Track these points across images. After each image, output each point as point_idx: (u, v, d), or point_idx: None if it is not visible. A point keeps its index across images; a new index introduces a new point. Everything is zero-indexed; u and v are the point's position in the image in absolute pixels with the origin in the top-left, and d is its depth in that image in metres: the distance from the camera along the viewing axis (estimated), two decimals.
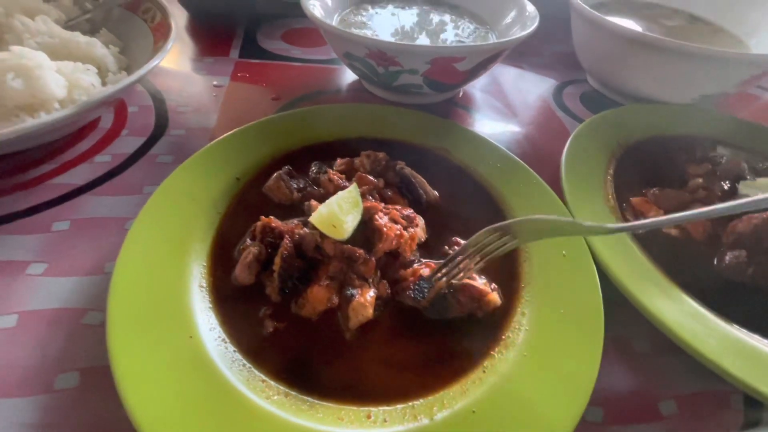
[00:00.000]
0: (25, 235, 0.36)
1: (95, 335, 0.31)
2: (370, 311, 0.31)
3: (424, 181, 0.42)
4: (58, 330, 0.31)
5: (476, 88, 0.63)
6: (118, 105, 0.51)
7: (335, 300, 0.32)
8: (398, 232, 0.34)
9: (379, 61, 0.47)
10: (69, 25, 0.52)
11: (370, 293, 0.32)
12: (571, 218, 0.30)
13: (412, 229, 0.36)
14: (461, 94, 0.62)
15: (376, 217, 0.35)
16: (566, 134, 0.56)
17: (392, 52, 0.45)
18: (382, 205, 0.37)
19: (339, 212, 0.33)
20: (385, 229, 0.34)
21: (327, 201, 0.35)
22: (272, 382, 0.28)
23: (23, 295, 0.33)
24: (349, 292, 0.31)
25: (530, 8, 0.55)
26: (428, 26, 0.60)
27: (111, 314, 0.28)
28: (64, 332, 0.31)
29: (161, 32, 0.51)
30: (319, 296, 0.32)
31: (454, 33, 0.58)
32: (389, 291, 0.34)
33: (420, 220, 0.38)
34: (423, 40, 0.56)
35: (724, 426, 0.31)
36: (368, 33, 0.56)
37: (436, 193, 0.42)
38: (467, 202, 0.42)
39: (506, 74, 0.68)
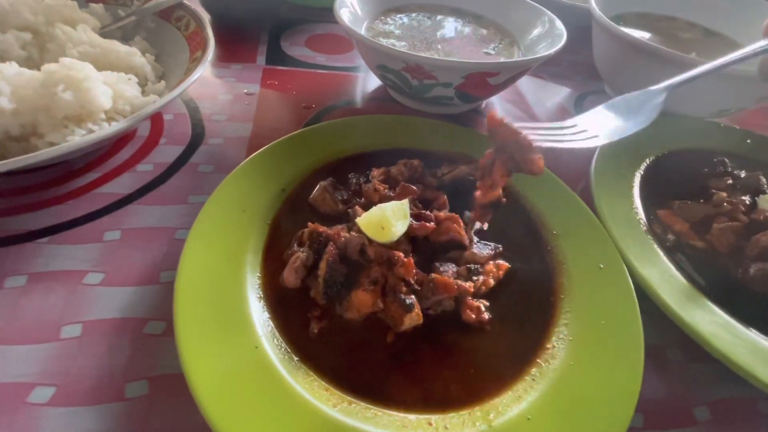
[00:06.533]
0: (79, 245, 0.37)
1: (158, 344, 0.32)
2: (420, 319, 0.33)
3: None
4: (122, 339, 0.32)
5: (499, 97, 0.65)
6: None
7: (380, 305, 0.33)
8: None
9: (414, 75, 0.49)
10: (103, 33, 0.52)
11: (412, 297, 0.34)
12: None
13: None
14: (484, 104, 0.63)
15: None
16: None
17: (430, 66, 0.46)
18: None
19: (391, 216, 0.35)
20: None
21: (377, 206, 0.36)
22: (336, 390, 0.29)
23: (84, 305, 0.34)
24: (409, 302, 0.32)
25: (558, 24, 0.56)
26: (454, 37, 0.61)
27: (179, 326, 0.29)
28: (128, 341, 0.32)
29: (196, 41, 0.51)
30: (364, 300, 0.33)
31: (480, 45, 0.60)
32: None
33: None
34: (449, 51, 0.57)
35: (754, 430, 0.33)
36: (395, 42, 0.57)
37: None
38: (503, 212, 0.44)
39: (527, 84, 0.69)
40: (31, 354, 0.30)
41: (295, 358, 0.31)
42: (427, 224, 0.37)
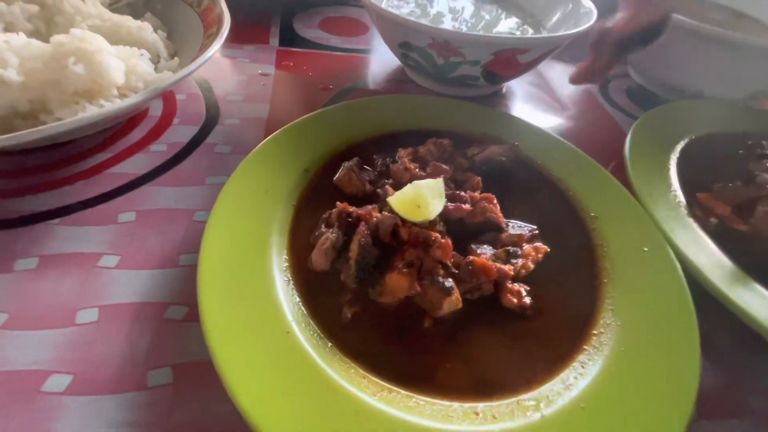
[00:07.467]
0: (92, 227, 0.35)
1: (180, 330, 0.30)
2: (460, 304, 0.31)
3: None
4: (142, 325, 0.30)
5: (522, 81, 0.63)
6: (167, 92, 0.49)
7: (417, 288, 0.31)
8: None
9: (440, 52, 0.46)
10: (111, 9, 0.50)
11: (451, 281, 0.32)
12: None
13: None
14: (505, 89, 0.61)
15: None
16: (617, 128, 0.56)
17: (458, 42, 0.44)
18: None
19: (427, 194, 0.33)
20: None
21: (412, 184, 0.34)
22: (374, 378, 0.27)
23: (100, 289, 0.31)
24: (448, 285, 0.30)
25: (585, 2, 0.54)
26: (475, 17, 0.59)
27: (205, 310, 0.27)
28: (148, 327, 0.30)
29: (210, 18, 0.49)
30: (399, 284, 0.31)
31: (503, 25, 0.58)
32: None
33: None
34: (472, 30, 0.55)
35: None
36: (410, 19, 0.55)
37: None
38: (537, 194, 0.42)
39: (550, 68, 0.67)
40: (46, 340, 0.28)
41: (329, 344, 0.28)
42: (464, 206, 0.35)
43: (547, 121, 0.56)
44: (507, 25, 0.59)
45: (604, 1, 0.61)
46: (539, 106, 0.59)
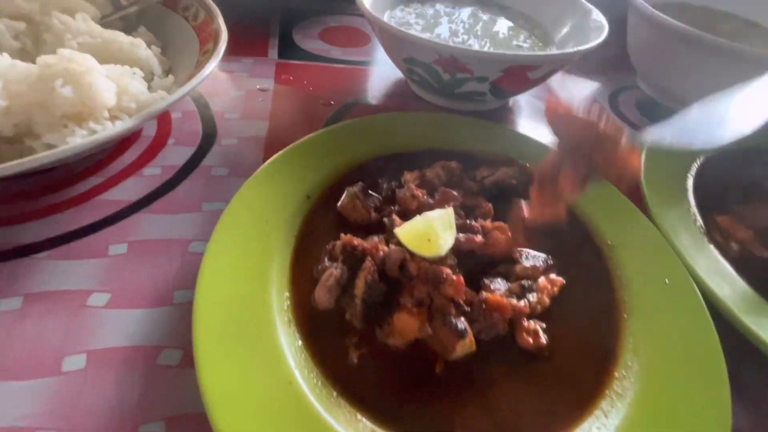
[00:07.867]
0: (81, 260, 0.33)
1: (175, 377, 0.28)
2: (474, 347, 0.29)
3: None
4: (133, 371, 0.28)
5: (528, 93, 0.61)
6: None
7: (428, 330, 0.29)
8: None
9: (447, 68, 0.44)
10: (103, 23, 0.48)
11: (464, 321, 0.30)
12: None
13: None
14: (512, 102, 0.59)
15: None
16: None
17: (466, 58, 0.42)
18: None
19: (438, 226, 0.31)
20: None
21: (422, 215, 0.32)
22: None
23: (88, 331, 0.29)
24: (461, 327, 0.28)
25: (596, 15, 0.52)
26: (480, 29, 0.57)
27: (201, 358, 0.25)
28: (140, 374, 0.28)
29: (207, 32, 0.47)
30: (408, 324, 0.29)
31: (509, 37, 0.56)
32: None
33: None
34: (477, 44, 0.53)
35: None
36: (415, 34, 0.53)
37: None
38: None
39: (557, 80, 0.65)
40: (29, 391, 0.26)
41: (334, 393, 0.26)
42: (476, 238, 0.33)
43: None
44: (504, 25, 0.57)
45: (613, 13, 0.59)
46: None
